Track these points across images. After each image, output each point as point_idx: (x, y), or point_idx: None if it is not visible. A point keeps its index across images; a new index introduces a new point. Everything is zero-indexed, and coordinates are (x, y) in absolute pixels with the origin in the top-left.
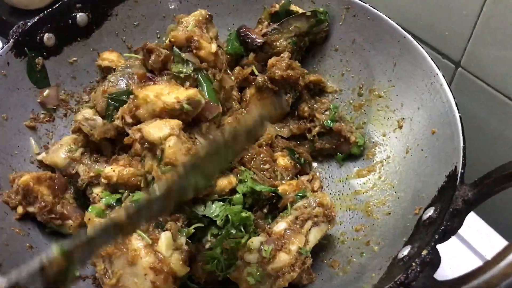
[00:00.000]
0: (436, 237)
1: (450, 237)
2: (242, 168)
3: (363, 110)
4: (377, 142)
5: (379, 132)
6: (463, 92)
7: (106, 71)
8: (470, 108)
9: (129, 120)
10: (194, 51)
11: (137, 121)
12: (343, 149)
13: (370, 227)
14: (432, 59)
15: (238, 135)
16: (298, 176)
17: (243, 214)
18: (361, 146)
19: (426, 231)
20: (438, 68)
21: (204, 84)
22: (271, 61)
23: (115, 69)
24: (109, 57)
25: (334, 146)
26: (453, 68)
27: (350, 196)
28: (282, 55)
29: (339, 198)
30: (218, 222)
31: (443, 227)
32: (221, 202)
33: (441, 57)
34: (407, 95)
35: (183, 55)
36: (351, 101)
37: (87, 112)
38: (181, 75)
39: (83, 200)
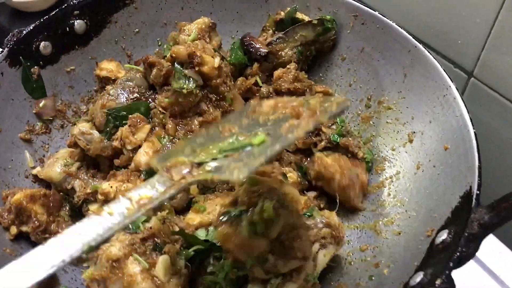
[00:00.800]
0: (451, 264)
1: (465, 263)
2: None
3: (371, 123)
4: (386, 156)
5: (388, 146)
6: (476, 102)
7: (104, 81)
8: (483, 119)
9: (129, 147)
10: (197, 67)
11: (138, 146)
12: None
13: (380, 248)
14: (444, 70)
15: None
16: (305, 192)
17: None
18: (369, 162)
19: (439, 256)
20: (451, 80)
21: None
22: (277, 73)
23: (114, 79)
24: (108, 67)
25: None
26: (466, 78)
27: (358, 214)
28: (288, 66)
29: (346, 216)
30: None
31: (458, 253)
32: None
33: (453, 66)
34: (418, 107)
35: (185, 71)
36: (359, 112)
37: (83, 126)
38: (184, 91)
39: (79, 218)
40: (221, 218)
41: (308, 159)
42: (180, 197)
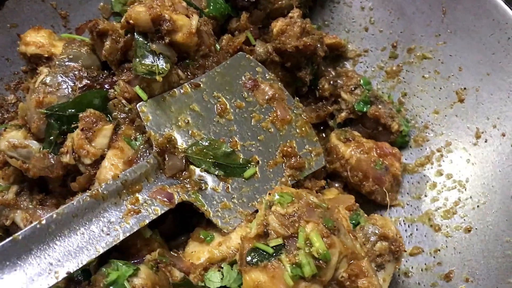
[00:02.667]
0: None
1: None
2: None
3: (401, 78)
4: (428, 123)
5: (429, 109)
6: None
7: (34, 61)
8: None
9: (87, 160)
10: (167, 37)
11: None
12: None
13: (443, 250)
14: (506, 3)
15: None
16: (328, 181)
17: None
18: (406, 136)
19: None
20: None
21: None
22: (278, 26)
23: (48, 57)
24: (36, 39)
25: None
26: None
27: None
28: (291, 14)
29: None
30: None
31: None
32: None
33: None
34: (467, 55)
35: (152, 46)
36: (382, 65)
37: (13, 137)
38: (156, 77)
39: None
40: (248, 259)
41: (323, 135)
42: (168, 219)
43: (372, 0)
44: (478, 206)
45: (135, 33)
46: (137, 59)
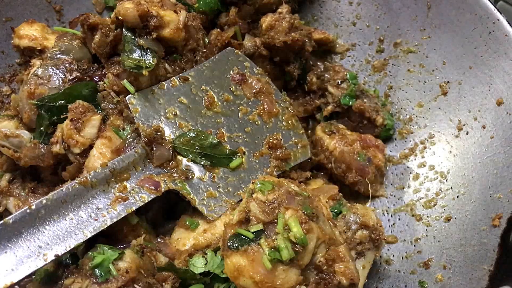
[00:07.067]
0: None
1: None
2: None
3: (387, 71)
4: (412, 115)
5: (413, 102)
6: None
7: (28, 53)
8: None
9: (76, 150)
10: (155, 33)
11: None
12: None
13: (424, 239)
14: None
15: None
16: (314, 172)
17: None
18: (390, 129)
19: None
20: (499, 11)
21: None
22: (267, 21)
23: (40, 50)
24: (29, 33)
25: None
26: None
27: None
28: (280, 9)
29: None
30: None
31: None
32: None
33: None
34: (450, 49)
35: (139, 41)
36: (369, 59)
37: (5, 126)
38: (143, 72)
39: None
40: (229, 244)
41: (309, 129)
42: (155, 207)
43: None
44: (458, 196)
45: (123, 28)
46: (125, 54)
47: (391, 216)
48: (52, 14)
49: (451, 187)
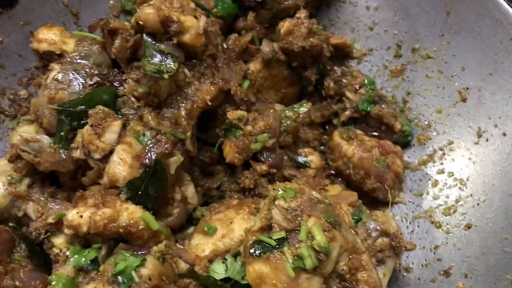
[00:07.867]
0: None
1: None
2: None
3: (405, 77)
4: (431, 122)
5: (432, 108)
6: None
7: (46, 57)
8: None
9: (96, 155)
10: (175, 38)
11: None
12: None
13: (443, 246)
14: (508, 3)
15: None
16: (332, 178)
17: None
18: (409, 135)
19: None
20: None
21: None
22: (285, 26)
23: (59, 54)
24: (48, 37)
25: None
26: None
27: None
28: (297, 15)
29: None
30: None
31: None
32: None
33: None
34: (470, 55)
35: (160, 46)
36: (386, 64)
37: (26, 131)
38: (165, 75)
39: (41, 256)
40: (251, 251)
41: (325, 137)
42: (177, 212)
43: (378, 0)
44: (478, 203)
45: (144, 33)
46: (146, 58)
47: (410, 223)
48: (68, 18)
49: (471, 194)
